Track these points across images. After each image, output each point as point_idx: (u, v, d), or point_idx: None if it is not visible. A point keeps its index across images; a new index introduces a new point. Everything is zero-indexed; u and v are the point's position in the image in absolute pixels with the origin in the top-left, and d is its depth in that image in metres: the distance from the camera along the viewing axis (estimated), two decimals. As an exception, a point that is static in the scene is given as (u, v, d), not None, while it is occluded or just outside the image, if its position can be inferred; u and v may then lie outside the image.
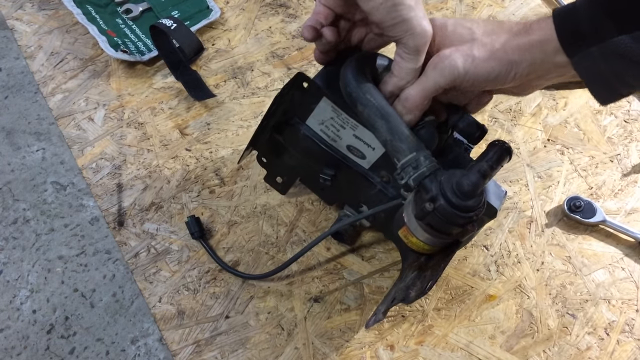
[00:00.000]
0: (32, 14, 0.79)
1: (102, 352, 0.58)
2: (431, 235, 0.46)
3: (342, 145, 0.53)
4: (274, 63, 0.75)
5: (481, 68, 0.44)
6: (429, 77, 0.45)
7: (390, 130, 0.45)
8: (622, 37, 0.38)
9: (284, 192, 0.63)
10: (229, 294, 0.60)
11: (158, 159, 0.68)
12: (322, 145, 0.53)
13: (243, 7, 0.80)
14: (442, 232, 0.46)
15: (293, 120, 0.53)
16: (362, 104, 0.46)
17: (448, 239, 0.48)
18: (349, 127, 0.50)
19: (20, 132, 0.71)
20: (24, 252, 0.63)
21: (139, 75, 0.74)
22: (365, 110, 0.46)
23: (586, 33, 0.40)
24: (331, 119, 0.51)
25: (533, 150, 0.69)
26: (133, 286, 0.61)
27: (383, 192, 0.53)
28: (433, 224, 0.45)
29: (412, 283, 0.50)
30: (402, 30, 0.43)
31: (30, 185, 0.67)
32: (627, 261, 0.62)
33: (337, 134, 0.52)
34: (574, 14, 0.41)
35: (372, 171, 0.53)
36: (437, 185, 0.43)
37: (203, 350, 0.57)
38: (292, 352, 0.57)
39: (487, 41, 0.44)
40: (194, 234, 0.62)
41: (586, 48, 0.40)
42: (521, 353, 0.57)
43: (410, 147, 0.45)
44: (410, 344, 0.57)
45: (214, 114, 0.71)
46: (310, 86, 0.49)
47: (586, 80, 0.42)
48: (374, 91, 0.46)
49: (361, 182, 0.54)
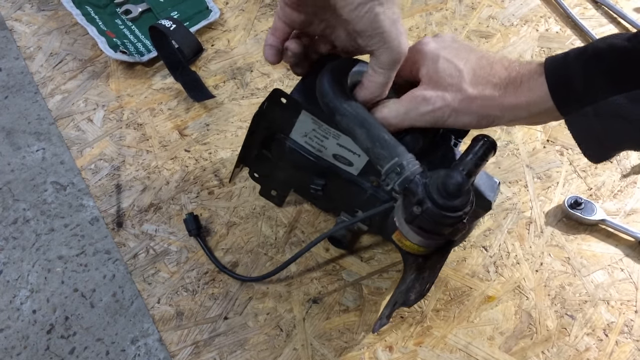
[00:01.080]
0: (32, 14, 0.79)
1: (102, 352, 0.58)
2: (423, 238, 0.46)
3: (328, 155, 0.53)
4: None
5: (461, 119, 0.45)
6: (409, 114, 0.46)
7: (370, 137, 0.45)
8: (616, 97, 0.38)
9: (280, 204, 0.64)
10: (228, 295, 0.60)
11: (157, 160, 0.68)
12: (309, 157, 0.53)
13: (242, 8, 0.80)
14: (433, 233, 0.46)
15: (277, 135, 0.53)
16: (340, 113, 0.45)
17: (440, 239, 0.48)
18: (332, 136, 0.50)
19: (20, 132, 0.71)
20: (24, 252, 0.63)
21: (138, 76, 0.74)
22: (344, 120, 0.45)
23: (580, 91, 0.40)
24: (313, 131, 0.51)
25: (532, 151, 0.69)
26: (133, 286, 0.61)
27: (375, 196, 0.53)
28: (423, 226, 0.45)
29: (411, 286, 0.50)
30: (379, 42, 0.43)
31: (30, 185, 0.67)
32: (627, 262, 0.62)
33: (321, 144, 0.52)
34: (566, 69, 0.40)
35: (362, 177, 0.53)
36: (423, 188, 0.43)
37: (202, 351, 0.57)
38: (291, 353, 0.57)
39: (471, 93, 0.44)
40: (190, 231, 0.62)
41: (580, 107, 0.39)
42: (520, 354, 0.57)
43: (392, 152, 0.44)
44: (409, 345, 0.57)
45: (213, 115, 0.71)
46: (288, 101, 0.49)
47: (579, 140, 0.42)
48: (351, 100, 0.46)
49: (352, 189, 0.54)
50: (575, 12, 0.78)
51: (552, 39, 0.76)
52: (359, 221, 0.54)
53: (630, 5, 0.79)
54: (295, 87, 0.51)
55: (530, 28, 0.78)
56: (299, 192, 0.62)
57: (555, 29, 0.77)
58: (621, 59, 0.38)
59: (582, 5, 0.79)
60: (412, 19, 0.78)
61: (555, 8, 0.79)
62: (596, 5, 0.79)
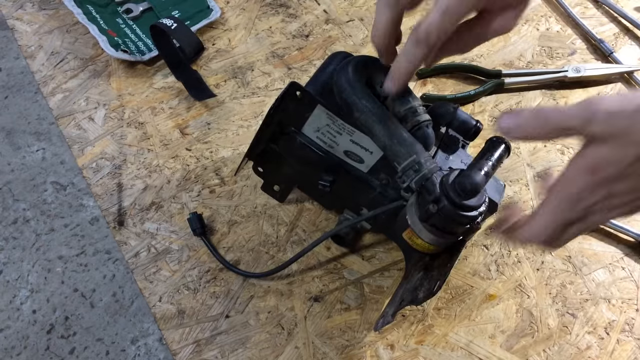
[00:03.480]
0: (33, 13, 0.79)
1: (102, 352, 0.58)
2: (436, 236, 0.46)
3: (339, 151, 0.52)
4: (274, 63, 0.75)
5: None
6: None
7: (389, 134, 0.45)
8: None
9: (282, 200, 0.63)
10: (229, 294, 0.60)
11: (158, 159, 0.68)
12: (319, 152, 0.53)
13: (243, 7, 0.80)
14: (447, 232, 0.46)
15: (288, 129, 0.53)
16: (359, 110, 0.45)
17: (453, 239, 0.48)
18: (346, 132, 0.50)
19: (20, 132, 0.71)
20: (24, 252, 0.63)
21: (140, 75, 0.74)
22: (362, 116, 0.45)
23: None
24: (327, 126, 0.50)
25: (533, 150, 0.69)
26: (133, 286, 0.61)
27: (383, 195, 0.53)
28: (438, 224, 0.45)
29: (419, 284, 0.50)
30: None
31: (30, 185, 0.67)
32: (627, 261, 0.62)
33: (333, 140, 0.52)
34: None
35: (371, 174, 0.53)
36: (440, 186, 0.43)
37: (203, 349, 0.57)
38: (292, 351, 0.57)
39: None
40: (195, 231, 0.62)
41: None
42: (521, 352, 0.57)
43: (410, 150, 0.45)
44: (410, 343, 0.57)
45: (214, 114, 0.71)
46: (303, 95, 0.48)
47: None
48: (370, 96, 0.46)
49: (360, 186, 0.54)
50: (576, 11, 0.78)
51: (552, 38, 0.77)
52: (365, 220, 0.54)
53: (630, 5, 0.79)
54: (309, 81, 0.51)
55: (531, 27, 0.78)
56: (303, 188, 0.62)
57: (555, 28, 0.77)
58: None
59: (583, 4, 0.79)
60: (413, 18, 0.78)
61: (556, 7, 0.79)
62: (597, 4, 0.79)
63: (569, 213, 0.39)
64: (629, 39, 0.76)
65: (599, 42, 0.75)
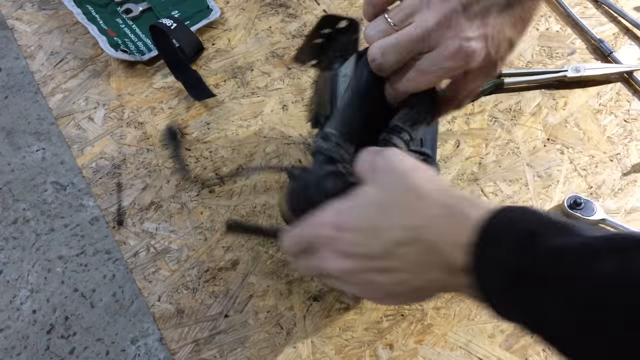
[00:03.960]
0: (32, 13, 0.79)
1: (102, 352, 0.58)
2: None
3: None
4: (274, 63, 0.75)
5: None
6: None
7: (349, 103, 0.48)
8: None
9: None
10: (228, 293, 0.60)
11: (158, 159, 0.68)
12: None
13: (243, 7, 0.80)
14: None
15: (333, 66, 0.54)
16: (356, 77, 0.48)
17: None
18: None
19: (20, 132, 0.71)
20: (24, 252, 0.63)
21: (139, 75, 0.74)
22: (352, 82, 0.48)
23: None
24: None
25: (533, 150, 0.69)
26: (133, 286, 0.61)
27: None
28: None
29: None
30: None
31: (30, 185, 0.67)
32: (627, 260, 0.62)
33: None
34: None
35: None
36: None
37: (202, 349, 0.57)
38: (291, 350, 0.57)
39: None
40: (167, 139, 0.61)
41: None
42: (520, 352, 0.57)
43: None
44: (409, 342, 0.57)
45: (213, 114, 0.71)
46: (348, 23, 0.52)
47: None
48: (370, 79, 0.48)
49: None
50: (576, 11, 0.78)
51: (552, 38, 0.76)
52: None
53: (630, 5, 0.79)
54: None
55: (531, 27, 0.78)
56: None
57: (555, 28, 0.77)
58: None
59: (582, 4, 0.79)
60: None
61: (556, 7, 0.79)
62: (596, 4, 0.79)
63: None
64: (628, 39, 0.76)
65: (599, 41, 0.74)
